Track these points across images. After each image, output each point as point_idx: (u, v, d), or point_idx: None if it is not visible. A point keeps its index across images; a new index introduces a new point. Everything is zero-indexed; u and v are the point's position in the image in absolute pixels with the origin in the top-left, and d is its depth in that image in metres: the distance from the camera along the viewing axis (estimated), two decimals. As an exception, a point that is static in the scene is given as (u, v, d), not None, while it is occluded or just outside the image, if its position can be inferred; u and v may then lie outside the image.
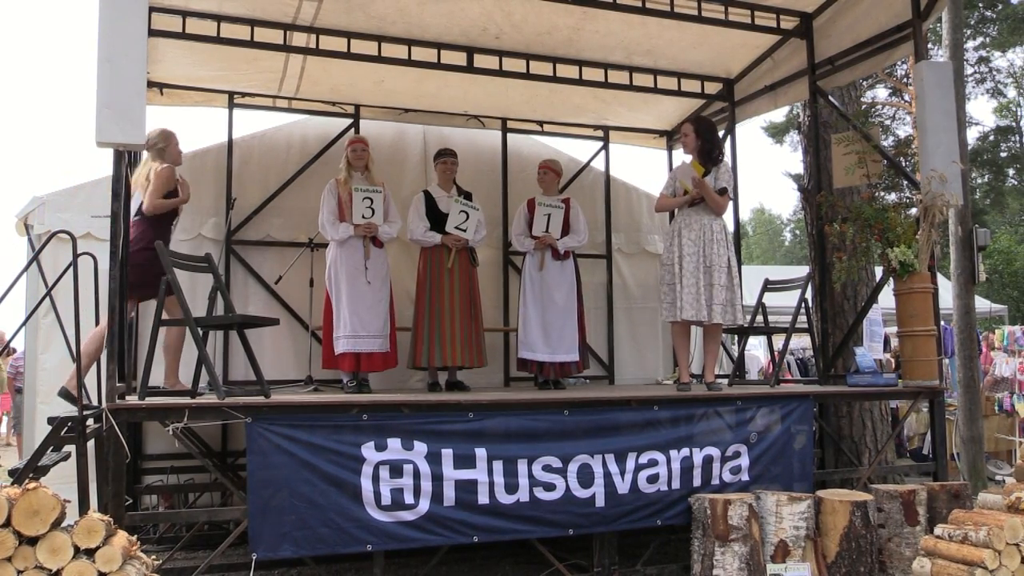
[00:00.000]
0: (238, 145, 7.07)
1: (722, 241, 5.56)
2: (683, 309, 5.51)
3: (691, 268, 5.53)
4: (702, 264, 5.53)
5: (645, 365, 8.20)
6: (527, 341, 6.29)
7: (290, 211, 7.04)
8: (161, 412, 4.03)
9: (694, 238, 5.59)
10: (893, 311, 5.69)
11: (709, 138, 5.72)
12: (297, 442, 4.08)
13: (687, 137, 5.77)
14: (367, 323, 5.76)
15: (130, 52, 3.91)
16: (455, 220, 6.12)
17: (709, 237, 5.57)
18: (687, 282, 5.52)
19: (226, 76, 6.79)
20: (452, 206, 6.13)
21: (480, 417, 4.42)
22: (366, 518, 4.13)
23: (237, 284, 6.88)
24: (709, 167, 5.67)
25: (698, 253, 5.56)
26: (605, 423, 4.66)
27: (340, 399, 4.50)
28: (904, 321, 5.51)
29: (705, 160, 5.69)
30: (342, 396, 4.99)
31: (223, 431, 6.44)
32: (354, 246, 5.82)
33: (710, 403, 4.95)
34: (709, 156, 5.70)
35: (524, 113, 7.94)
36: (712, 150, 5.70)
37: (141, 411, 4.04)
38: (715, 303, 5.49)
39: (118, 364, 4.16)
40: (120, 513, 3.84)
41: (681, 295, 5.52)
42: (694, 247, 5.58)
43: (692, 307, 5.49)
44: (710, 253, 5.54)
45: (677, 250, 5.61)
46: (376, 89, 7.13)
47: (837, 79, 6.72)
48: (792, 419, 5.10)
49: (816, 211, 6.88)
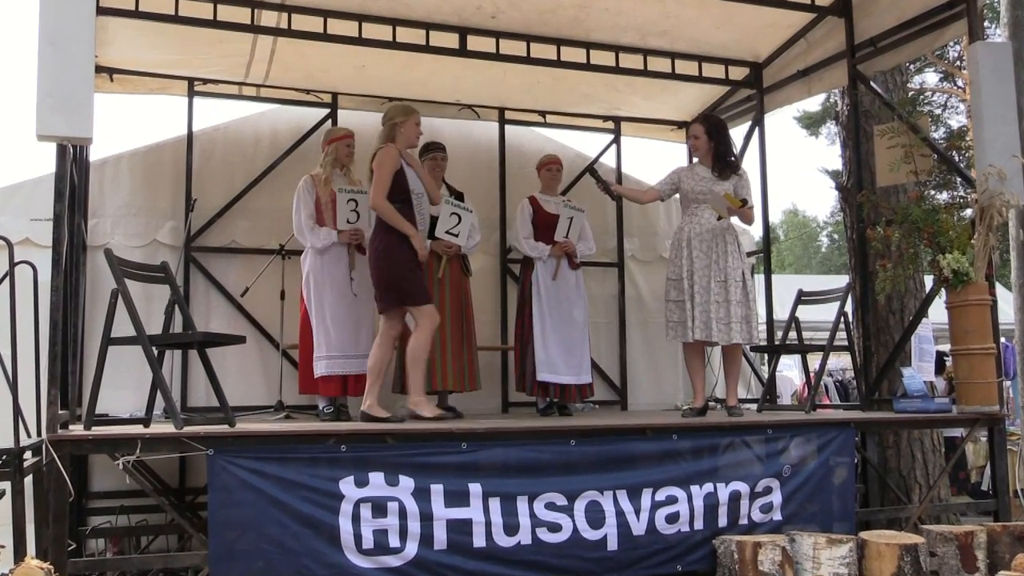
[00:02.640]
0: (199, 138, 7.08)
1: (736, 252, 5.63)
2: (695, 329, 5.56)
3: (703, 283, 5.59)
4: (715, 278, 5.57)
5: (662, 388, 8.20)
6: (548, 361, 6.29)
7: (258, 213, 7.06)
8: (110, 443, 4.03)
9: (706, 249, 5.65)
10: (945, 327, 5.69)
11: (723, 140, 5.79)
12: (266, 477, 4.07)
13: (697, 140, 5.82)
14: (355, 341, 5.78)
15: (76, 33, 3.93)
16: (445, 224, 6.14)
17: (723, 248, 5.63)
18: (699, 299, 5.57)
19: (185, 60, 6.81)
20: (442, 208, 6.15)
21: (475, 448, 4.41)
22: (345, 564, 4.10)
23: (198, 296, 6.89)
24: (727, 174, 5.73)
25: (711, 266, 5.61)
26: (617, 455, 4.65)
27: (316, 428, 4.49)
28: (958, 338, 5.52)
29: (721, 166, 5.75)
30: (318, 424, 4.98)
31: (181, 465, 6.42)
32: (338, 254, 5.84)
33: (738, 432, 4.94)
34: (724, 161, 5.76)
35: (524, 102, 7.96)
36: (727, 154, 5.76)
37: (87, 443, 4.04)
38: (733, 320, 5.54)
39: (60, 389, 4.16)
40: (62, 559, 3.83)
41: (693, 313, 5.57)
42: (706, 259, 5.63)
43: (706, 326, 5.54)
44: (725, 265, 5.60)
45: (687, 263, 5.66)
46: (356, 75, 7.16)
47: (880, 63, 6.75)
48: (831, 450, 5.10)
49: (857, 213, 6.89)
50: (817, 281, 15.19)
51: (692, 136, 5.87)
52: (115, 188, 6.81)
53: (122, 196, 6.81)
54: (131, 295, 4.50)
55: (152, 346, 4.53)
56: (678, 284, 5.73)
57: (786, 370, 13.02)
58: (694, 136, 5.85)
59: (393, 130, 5.42)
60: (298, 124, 7.34)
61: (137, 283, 4.88)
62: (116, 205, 6.78)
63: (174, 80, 7.08)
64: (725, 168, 5.79)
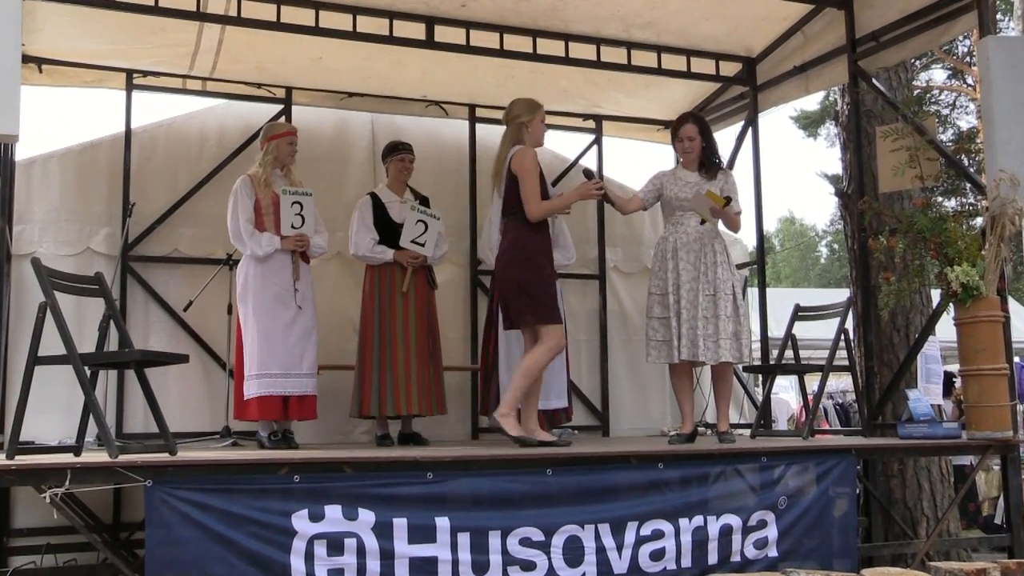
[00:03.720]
0: (139, 136, 7.05)
1: (726, 263, 5.70)
2: (682, 349, 5.58)
3: (691, 297, 5.63)
4: (704, 291, 5.61)
5: (648, 412, 8.24)
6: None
7: (204, 219, 7.03)
8: (36, 474, 3.97)
9: (693, 260, 5.70)
10: (954, 345, 5.73)
11: (712, 141, 5.85)
12: (210, 511, 4.03)
13: (692, 141, 5.84)
14: (298, 358, 5.73)
15: (1, 19, 3.90)
16: (411, 232, 6.14)
17: (712, 259, 5.68)
18: (687, 315, 5.61)
19: (124, 50, 6.78)
20: (407, 215, 6.15)
21: (442, 478, 4.39)
22: (297, 607, 4.08)
23: (136, 311, 6.85)
24: (713, 173, 5.79)
25: (698, 278, 5.66)
26: (598, 485, 4.64)
27: (265, 457, 4.47)
28: (968, 357, 5.56)
29: (708, 166, 5.81)
30: (268, 453, 4.96)
31: (115, 498, 6.35)
32: (281, 262, 5.81)
33: (729, 460, 4.96)
34: (711, 161, 5.82)
35: (497, 99, 7.96)
36: (713, 154, 5.83)
37: (9, 473, 3.99)
38: (722, 337, 5.58)
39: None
40: (-18, 603, 3.78)
41: (679, 331, 5.60)
42: (693, 271, 5.68)
43: (692, 344, 5.56)
44: (714, 277, 5.65)
45: (672, 276, 5.70)
46: (313, 68, 7.15)
47: (883, 58, 6.82)
48: (830, 479, 5.12)
49: (858, 221, 6.94)
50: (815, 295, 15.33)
51: (686, 137, 5.87)
52: (44, 191, 6.75)
53: (52, 200, 6.75)
54: (61, 309, 4.44)
55: (84, 366, 4.49)
56: (663, 299, 5.76)
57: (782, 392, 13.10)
58: (688, 137, 5.86)
59: (520, 130, 5.46)
60: (248, 121, 7.32)
61: (68, 296, 4.84)
62: (45, 210, 6.72)
63: (111, 72, 7.06)
64: (711, 169, 5.85)
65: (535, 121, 5.48)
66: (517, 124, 5.47)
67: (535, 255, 5.32)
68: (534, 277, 5.29)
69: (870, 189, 7.12)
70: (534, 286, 5.28)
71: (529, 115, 5.46)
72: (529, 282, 5.29)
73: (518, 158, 5.36)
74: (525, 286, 5.30)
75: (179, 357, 5.10)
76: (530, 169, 5.32)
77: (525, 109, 5.48)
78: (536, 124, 5.49)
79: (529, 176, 5.31)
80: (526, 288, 5.29)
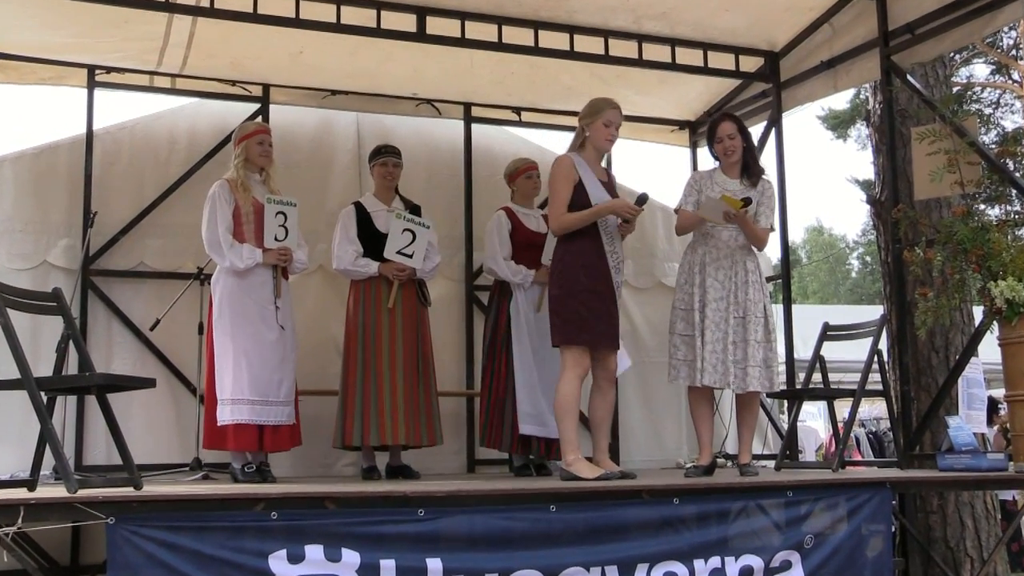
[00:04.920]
0: (101, 139, 7.08)
1: (758, 283, 5.70)
2: (704, 372, 5.58)
3: (718, 318, 5.63)
4: (734, 313, 5.61)
5: (662, 442, 8.24)
6: (532, 411, 6.32)
7: (173, 230, 7.06)
8: (-14, 511, 3.97)
9: (723, 278, 5.69)
10: (999, 367, 5.75)
11: (752, 143, 5.85)
12: (179, 551, 4.02)
13: (733, 140, 5.82)
14: (276, 384, 5.74)
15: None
16: (397, 242, 6.14)
17: (743, 278, 5.68)
18: (712, 336, 5.60)
19: (85, 44, 6.81)
20: (392, 223, 6.14)
21: (434, 515, 4.38)
22: (274, 659, 4.08)
23: (97, 331, 6.87)
24: (756, 180, 5.78)
25: (727, 297, 5.66)
26: (607, 523, 4.64)
27: (240, 491, 4.47)
28: (1015, 381, 5.57)
29: (751, 172, 5.79)
30: (243, 487, 4.96)
31: (74, 537, 6.34)
32: (261, 278, 5.82)
33: (751, 495, 4.95)
34: (754, 166, 5.81)
35: (495, 97, 8.01)
36: (755, 158, 5.82)
37: (-43, 510, 3.98)
38: (751, 364, 5.57)
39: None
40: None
41: (702, 352, 5.59)
42: (723, 289, 5.68)
43: (717, 369, 5.57)
44: (744, 299, 5.64)
45: (699, 291, 5.70)
46: (292, 64, 7.18)
47: (919, 53, 6.84)
48: (863, 516, 5.11)
49: (892, 231, 6.96)
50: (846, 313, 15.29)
51: (725, 136, 5.85)
52: (-4, 198, 6.76)
53: (4, 209, 6.77)
54: (15, 329, 4.45)
55: (40, 391, 4.48)
56: (687, 315, 5.76)
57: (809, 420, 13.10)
58: (728, 136, 5.84)
59: (580, 134, 5.50)
60: (222, 122, 7.34)
61: (23, 314, 4.83)
62: (-3, 219, 6.74)
63: (71, 68, 7.09)
64: (755, 175, 5.86)
65: (596, 123, 5.46)
66: (579, 129, 5.52)
67: (570, 268, 5.35)
68: (562, 292, 5.34)
69: (905, 196, 7.12)
70: (560, 302, 5.34)
71: (589, 117, 5.47)
72: (555, 297, 5.37)
73: (553, 167, 5.43)
74: (553, 302, 5.39)
75: (145, 381, 5.09)
76: (558, 177, 5.37)
77: (588, 110, 5.50)
78: (596, 127, 5.46)
79: (555, 184, 5.37)
80: (553, 304, 5.38)
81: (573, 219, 5.35)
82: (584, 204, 5.36)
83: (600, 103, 5.50)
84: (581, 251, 5.36)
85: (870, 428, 11.73)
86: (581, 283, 5.34)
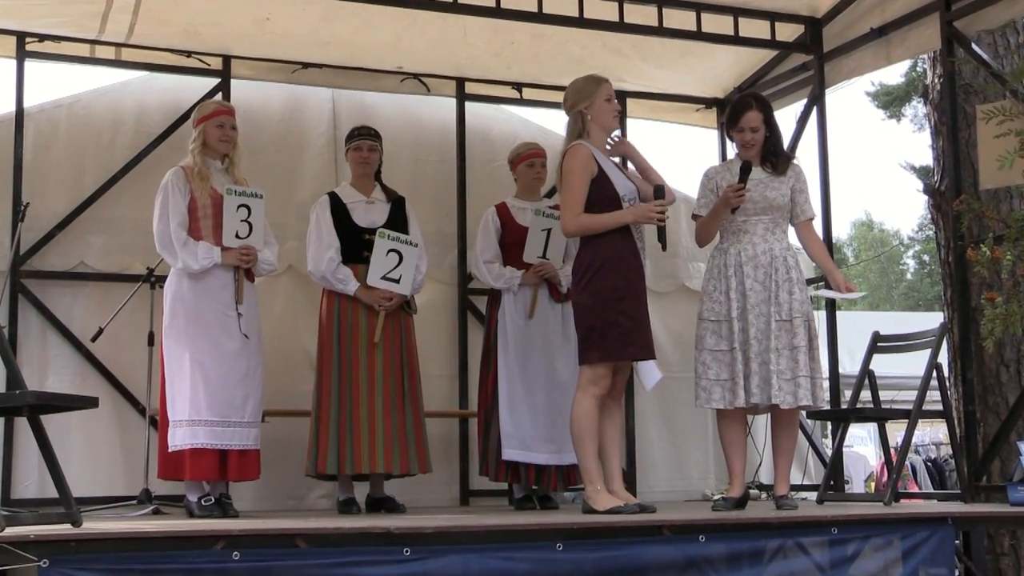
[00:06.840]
0: (34, 118, 7.08)
1: (800, 282, 5.68)
2: (751, 391, 5.55)
3: (761, 325, 5.58)
4: (775, 316, 5.59)
5: (686, 471, 8.25)
6: (516, 433, 6.33)
7: (118, 225, 7.07)
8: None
9: (763, 277, 5.66)
10: (1077, 384, 5.76)
11: (777, 130, 5.86)
12: (126, 598, 4.05)
13: (756, 133, 5.83)
14: (240, 402, 5.73)
15: None
16: (381, 266, 6.09)
17: (784, 275, 5.66)
18: (757, 347, 5.55)
19: (14, 7, 6.78)
20: (376, 244, 6.09)
21: (422, 555, 4.39)
22: None
23: (29, 341, 6.87)
24: (783, 168, 5.80)
25: (769, 300, 5.62)
26: (622, 564, 4.64)
27: (197, 528, 4.46)
28: (1095, 400, 5.58)
29: (775, 160, 5.81)
30: (200, 523, 4.96)
31: (3, 581, 6.37)
32: (221, 280, 5.81)
33: (790, 531, 4.96)
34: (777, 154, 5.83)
35: (492, 71, 8.02)
36: (778, 146, 5.84)
37: None
38: (800, 374, 5.55)
39: None
40: None
41: (749, 367, 5.56)
42: (763, 292, 5.64)
43: (762, 386, 5.53)
44: (787, 300, 5.61)
45: (737, 298, 5.66)
46: (257, 32, 7.18)
47: (986, 18, 6.83)
48: (920, 557, 5.12)
49: (954, 226, 6.97)
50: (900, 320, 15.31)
51: (748, 128, 5.83)
52: (-89, 189, 6.77)
53: (-78, 200, 6.77)
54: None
55: (-35, 411, 4.50)
56: (719, 327, 5.71)
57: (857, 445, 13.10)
58: (751, 128, 5.83)
59: (580, 120, 5.52)
60: (175, 99, 7.36)
61: (-56, 322, 4.86)
62: (-87, 213, 6.75)
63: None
64: (780, 163, 5.86)
65: (596, 103, 5.50)
66: (575, 114, 5.54)
67: (602, 272, 5.36)
68: (595, 302, 5.34)
69: (969, 185, 7.11)
70: (592, 313, 5.35)
71: (587, 99, 5.51)
72: (586, 308, 5.38)
73: (568, 157, 5.45)
74: (584, 314, 5.40)
75: (85, 400, 5.08)
76: (574, 171, 5.40)
77: (581, 92, 5.55)
78: (599, 107, 5.51)
79: (570, 179, 5.40)
80: (584, 317, 5.39)
81: (593, 223, 5.37)
82: (612, 196, 5.39)
83: (589, 82, 5.58)
84: (613, 251, 5.37)
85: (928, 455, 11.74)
86: (618, 289, 5.35)
